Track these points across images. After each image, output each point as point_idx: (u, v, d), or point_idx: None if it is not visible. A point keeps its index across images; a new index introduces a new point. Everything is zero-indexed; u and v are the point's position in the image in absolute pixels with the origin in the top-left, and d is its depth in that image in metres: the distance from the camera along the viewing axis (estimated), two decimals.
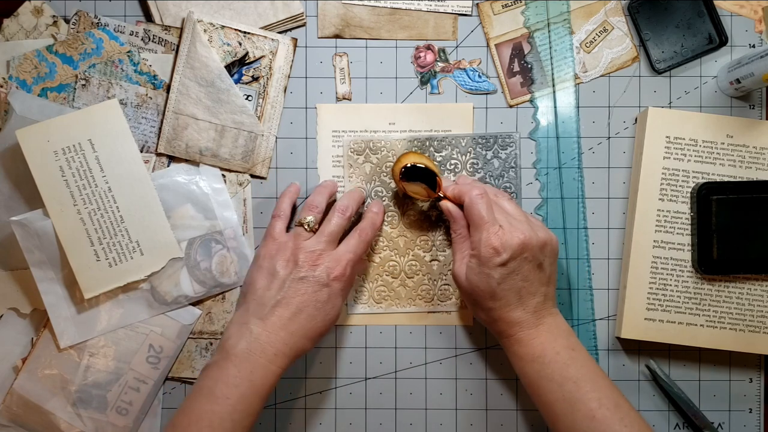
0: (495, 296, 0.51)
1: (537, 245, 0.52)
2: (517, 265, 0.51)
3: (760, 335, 0.58)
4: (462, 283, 0.54)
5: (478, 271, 0.52)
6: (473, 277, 0.52)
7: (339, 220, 0.55)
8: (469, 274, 0.52)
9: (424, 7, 0.61)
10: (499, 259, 0.50)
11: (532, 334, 0.52)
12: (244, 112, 0.60)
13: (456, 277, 0.55)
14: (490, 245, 0.51)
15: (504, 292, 0.51)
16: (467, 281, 0.53)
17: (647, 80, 0.61)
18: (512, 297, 0.51)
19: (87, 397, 0.58)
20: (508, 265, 0.51)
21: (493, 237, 0.51)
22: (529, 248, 0.51)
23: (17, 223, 0.56)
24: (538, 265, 0.52)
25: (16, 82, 0.58)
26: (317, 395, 0.62)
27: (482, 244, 0.51)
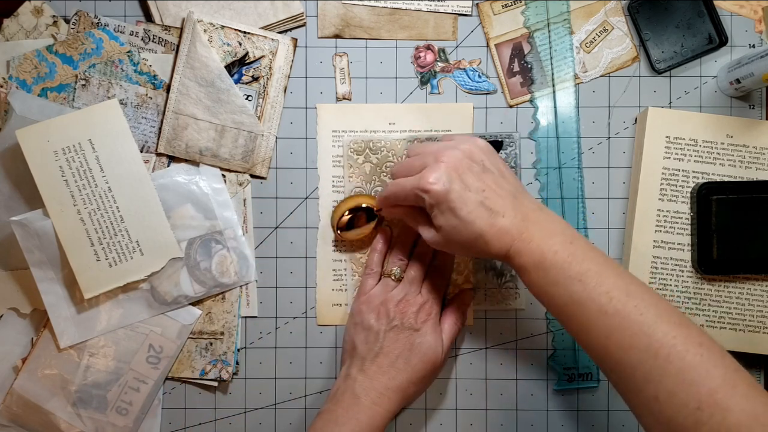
0: (467, 222, 0.49)
1: (463, 156, 0.50)
2: (461, 184, 0.49)
3: (760, 335, 0.58)
4: (438, 239, 0.52)
5: (440, 214, 0.50)
6: (441, 222, 0.50)
7: (418, 265, 0.57)
8: (437, 223, 0.51)
9: (424, 7, 0.61)
10: (442, 185, 0.48)
11: (525, 239, 0.48)
12: (244, 112, 0.60)
13: (431, 242, 0.52)
14: (427, 186, 0.49)
15: (471, 213, 0.48)
16: (439, 232, 0.51)
17: (647, 80, 0.61)
18: (482, 212, 0.49)
19: (87, 397, 0.58)
20: (453, 187, 0.49)
21: (423, 180, 0.49)
22: (459, 162, 0.50)
23: (17, 223, 0.56)
24: (481, 170, 0.50)
25: (16, 82, 0.58)
26: (317, 395, 0.62)
27: (423, 193, 0.49)
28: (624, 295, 0.45)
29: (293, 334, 0.62)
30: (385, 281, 0.58)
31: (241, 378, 0.61)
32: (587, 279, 0.46)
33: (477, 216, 0.48)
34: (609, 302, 0.45)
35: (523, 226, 0.49)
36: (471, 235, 0.49)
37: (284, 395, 0.62)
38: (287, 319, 0.62)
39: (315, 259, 0.61)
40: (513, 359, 0.62)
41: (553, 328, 0.61)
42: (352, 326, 0.57)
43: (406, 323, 0.55)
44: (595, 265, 0.47)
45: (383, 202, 0.56)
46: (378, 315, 0.55)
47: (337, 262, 0.61)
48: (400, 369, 0.54)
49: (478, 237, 0.49)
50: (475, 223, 0.48)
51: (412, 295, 0.56)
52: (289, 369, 0.62)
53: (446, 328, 0.57)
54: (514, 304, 0.61)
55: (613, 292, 0.45)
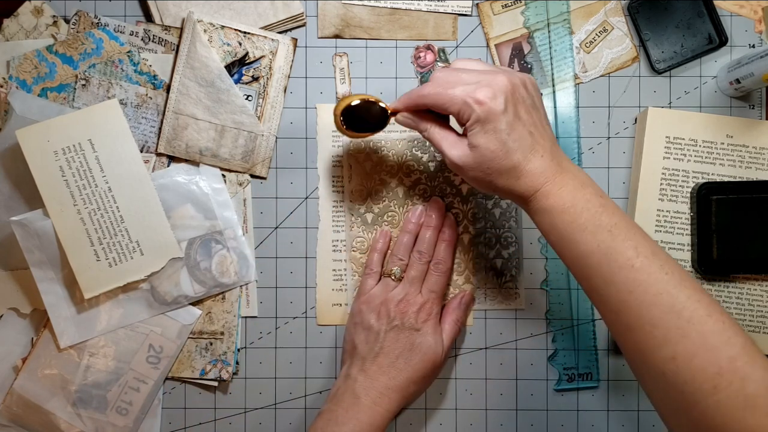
0: (509, 150, 0.47)
1: (519, 82, 0.49)
2: (514, 109, 0.47)
3: (760, 335, 0.58)
4: (467, 159, 0.49)
5: (482, 132, 0.47)
6: (480, 141, 0.47)
7: (418, 264, 0.57)
8: (474, 141, 0.48)
9: (424, 7, 0.61)
10: (498, 104, 0.46)
11: (558, 183, 0.47)
12: (244, 112, 0.60)
13: (456, 161, 0.49)
14: (484, 98, 0.46)
15: (516, 141, 0.47)
16: (473, 151, 0.48)
17: (647, 80, 0.61)
18: (526, 144, 0.47)
19: (87, 397, 0.58)
20: (508, 109, 0.47)
21: (480, 91, 0.47)
22: (517, 86, 0.48)
23: (17, 223, 0.56)
24: (531, 105, 0.49)
25: (16, 82, 0.58)
26: (317, 395, 0.62)
27: (476, 104, 0.47)
28: (651, 253, 0.45)
29: (293, 334, 0.62)
30: (386, 281, 0.58)
31: (241, 378, 0.61)
32: (617, 231, 0.45)
33: (520, 146, 0.47)
34: (636, 257, 0.44)
35: (558, 170, 0.47)
36: (506, 164, 0.47)
37: (284, 395, 0.62)
38: (287, 319, 0.62)
39: (315, 259, 0.61)
40: (513, 359, 0.62)
41: (553, 328, 0.61)
42: (353, 326, 0.57)
43: (406, 323, 0.55)
44: (624, 221, 0.46)
45: (412, 102, 0.51)
46: (378, 315, 0.55)
47: (337, 262, 0.61)
48: (401, 369, 0.54)
49: (513, 168, 0.47)
50: (515, 154, 0.47)
51: (412, 295, 0.56)
52: (289, 369, 0.62)
53: (446, 328, 0.57)
54: (514, 304, 0.61)
55: (640, 248, 0.45)
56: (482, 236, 0.61)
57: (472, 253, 0.61)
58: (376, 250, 0.60)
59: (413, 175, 0.61)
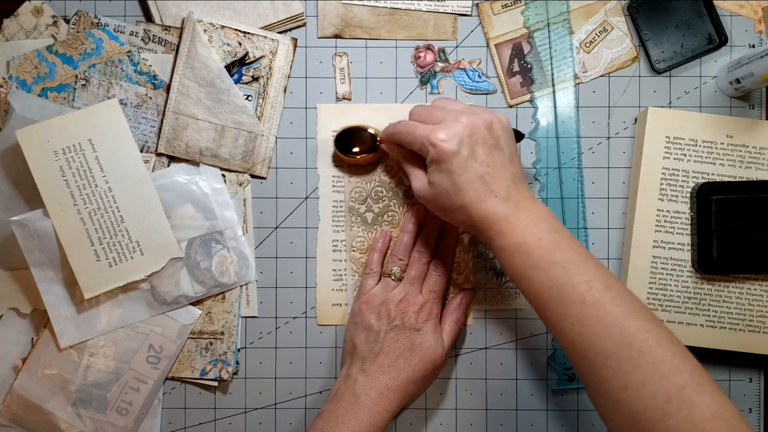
0: (460, 189, 0.49)
1: (483, 125, 0.50)
2: (470, 151, 0.49)
3: (760, 335, 0.58)
4: (426, 194, 0.52)
5: (437, 171, 0.50)
6: (435, 179, 0.50)
7: (418, 264, 0.57)
8: (431, 178, 0.51)
9: (424, 7, 0.61)
10: (450, 146, 0.49)
11: (512, 223, 0.48)
12: (244, 112, 0.60)
13: (419, 194, 0.53)
14: (437, 141, 0.49)
15: (468, 182, 0.49)
16: (431, 187, 0.51)
17: (647, 80, 0.61)
18: (478, 185, 0.49)
19: (87, 397, 0.58)
20: (461, 152, 0.49)
21: (435, 133, 0.49)
22: (476, 129, 0.50)
23: (17, 223, 0.56)
24: (493, 146, 0.50)
25: (16, 82, 0.58)
26: (317, 395, 0.62)
27: (430, 146, 0.50)
28: (603, 286, 0.46)
29: (293, 334, 0.62)
30: (386, 281, 0.58)
31: (241, 378, 0.61)
32: (569, 266, 0.47)
33: (471, 187, 0.49)
34: (588, 291, 0.46)
35: (512, 210, 0.49)
36: (458, 202, 0.50)
37: (284, 395, 0.62)
38: (287, 319, 0.62)
39: (315, 259, 0.61)
40: (513, 359, 0.62)
41: None
42: (353, 326, 0.57)
43: (406, 323, 0.55)
44: (577, 256, 0.48)
45: (389, 137, 0.56)
46: (378, 315, 0.55)
47: (337, 262, 0.61)
48: (401, 369, 0.54)
49: (464, 207, 0.50)
50: (466, 194, 0.49)
51: (412, 295, 0.56)
52: (289, 369, 0.62)
53: (447, 328, 0.57)
54: (514, 304, 0.61)
55: (593, 282, 0.46)
56: None
57: (472, 253, 0.61)
58: (376, 250, 0.60)
59: None
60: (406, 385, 0.54)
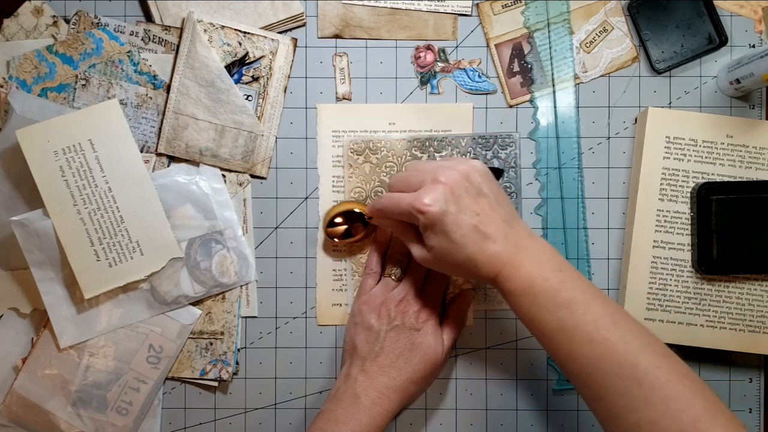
0: (459, 245, 0.49)
1: (461, 178, 0.50)
2: (457, 206, 0.49)
3: (760, 335, 0.58)
4: (428, 258, 0.52)
5: (433, 235, 0.50)
6: (433, 243, 0.50)
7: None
8: (428, 243, 0.51)
9: (424, 7, 0.61)
10: (438, 208, 0.49)
11: (515, 266, 0.49)
12: (244, 112, 0.60)
13: (421, 260, 0.53)
14: (423, 207, 0.49)
15: (464, 237, 0.49)
16: (430, 251, 0.51)
17: (647, 80, 0.61)
18: (475, 236, 0.49)
19: (87, 397, 0.58)
20: (449, 210, 0.49)
21: (420, 200, 0.49)
22: (456, 184, 0.50)
23: (17, 223, 0.56)
24: (477, 194, 0.50)
25: (16, 82, 0.58)
26: (317, 395, 0.62)
27: (418, 214, 0.50)
28: (611, 323, 0.46)
29: (293, 334, 0.62)
30: (386, 281, 0.58)
31: (241, 378, 0.61)
32: (575, 306, 0.47)
33: (469, 240, 0.49)
34: (596, 330, 0.46)
35: (513, 252, 0.49)
36: (462, 258, 0.50)
37: (284, 395, 0.62)
38: (287, 319, 0.62)
39: (315, 259, 0.61)
40: (513, 359, 0.62)
41: None
42: (353, 326, 0.57)
43: (407, 323, 0.55)
44: (583, 294, 0.48)
45: (376, 213, 0.55)
46: (379, 315, 0.55)
47: (337, 262, 0.61)
48: (401, 369, 0.54)
49: (468, 260, 0.50)
50: (467, 247, 0.49)
51: (412, 295, 0.56)
52: (289, 369, 0.62)
53: (447, 328, 0.57)
54: None
55: (600, 320, 0.46)
56: None
57: None
58: (375, 251, 0.60)
59: None
60: (406, 385, 0.54)
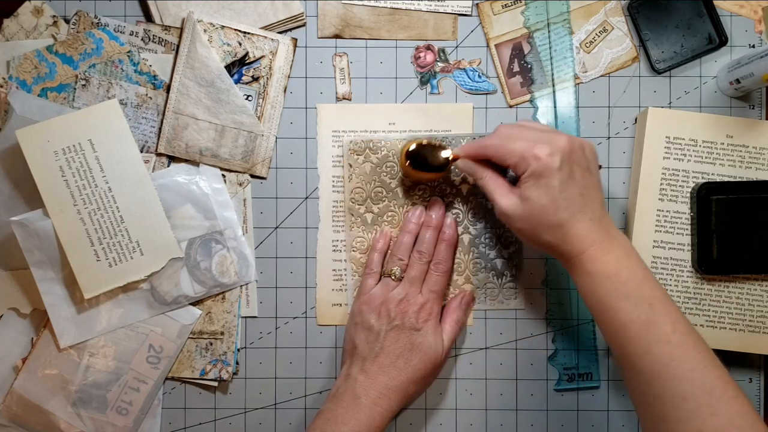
0: (559, 206, 0.49)
1: (579, 146, 0.51)
2: (570, 169, 0.49)
3: (760, 335, 0.58)
4: (517, 210, 0.51)
5: (536, 186, 0.49)
6: (532, 194, 0.49)
7: (419, 264, 0.57)
8: (527, 194, 0.50)
9: (424, 7, 0.61)
10: (554, 162, 0.48)
11: (605, 249, 0.49)
12: (244, 112, 0.60)
13: (506, 210, 0.52)
14: (542, 154, 0.49)
15: (567, 200, 0.49)
16: (524, 203, 0.50)
17: (647, 80, 0.61)
18: (576, 205, 0.49)
19: (87, 397, 0.58)
20: (563, 168, 0.49)
21: (539, 147, 0.49)
22: (575, 149, 0.50)
23: (17, 223, 0.56)
24: (586, 169, 0.50)
25: (16, 82, 0.58)
26: (317, 395, 0.62)
27: (533, 159, 0.49)
28: (686, 330, 0.47)
29: (293, 334, 0.62)
30: (386, 281, 0.58)
31: (241, 378, 0.61)
32: (657, 304, 0.48)
33: (570, 206, 0.49)
34: (673, 332, 0.47)
35: (605, 236, 0.49)
36: (555, 220, 0.49)
37: (284, 395, 0.62)
38: (287, 319, 0.62)
39: (315, 259, 0.61)
40: (513, 359, 0.62)
41: (553, 328, 0.61)
42: (353, 326, 0.57)
43: (407, 323, 0.55)
44: (664, 296, 0.49)
45: (473, 151, 0.54)
46: (379, 315, 0.55)
47: (337, 262, 0.61)
48: (401, 369, 0.54)
49: (560, 225, 0.49)
50: (565, 212, 0.49)
51: (412, 295, 0.56)
52: (289, 369, 0.62)
53: (447, 328, 0.57)
54: (514, 304, 0.61)
55: (677, 324, 0.47)
56: (482, 236, 0.61)
57: (472, 253, 0.61)
58: (376, 250, 0.60)
59: None
60: (406, 385, 0.54)
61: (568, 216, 0.49)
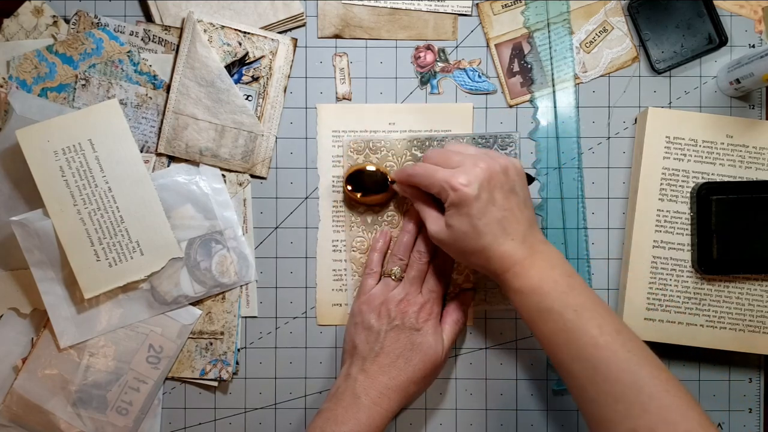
0: (480, 233, 0.50)
1: (500, 170, 0.51)
2: (489, 195, 0.50)
3: (760, 335, 0.58)
4: (443, 236, 0.53)
5: (457, 215, 0.51)
6: (454, 223, 0.51)
7: (418, 264, 0.57)
8: (449, 221, 0.52)
9: (424, 7, 0.61)
10: (472, 191, 0.50)
11: (527, 265, 0.50)
12: (244, 112, 0.60)
13: (435, 236, 0.54)
14: (458, 185, 0.50)
15: (487, 226, 0.50)
16: (448, 229, 0.52)
17: (647, 80, 0.61)
18: (496, 229, 0.50)
19: (87, 397, 0.58)
20: (481, 196, 0.50)
21: (456, 177, 0.50)
22: (494, 174, 0.51)
23: (17, 223, 0.56)
24: (509, 190, 0.52)
25: (16, 82, 0.58)
26: (317, 395, 0.62)
27: (450, 190, 0.50)
28: (615, 331, 0.48)
29: (293, 334, 0.62)
30: (386, 281, 0.58)
31: (241, 378, 0.61)
32: (582, 311, 0.48)
33: (490, 231, 0.50)
34: (600, 335, 0.47)
35: (528, 253, 0.51)
36: (477, 246, 0.51)
37: (284, 395, 0.62)
38: (287, 319, 0.62)
39: (315, 259, 0.61)
40: (513, 359, 0.62)
41: None
42: (353, 326, 0.57)
43: (407, 323, 0.55)
44: (590, 301, 0.49)
45: (404, 178, 0.56)
46: (379, 315, 0.55)
47: (337, 262, 0.61)
48: (401, 369, 0.54)
49: (482, 250, 0.51)
50: (485, 237, 0.50)
51: (412, 295, 0.56)
52: (289, 369, 0.62)
53: (447, 328, 0.57)
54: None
55: (604, 327, 0.48)
56: None
57: None
58: (376, 250, 0.60)
59: None
60: (406, 385, 0.54)
61: (490, 240, 0.50)
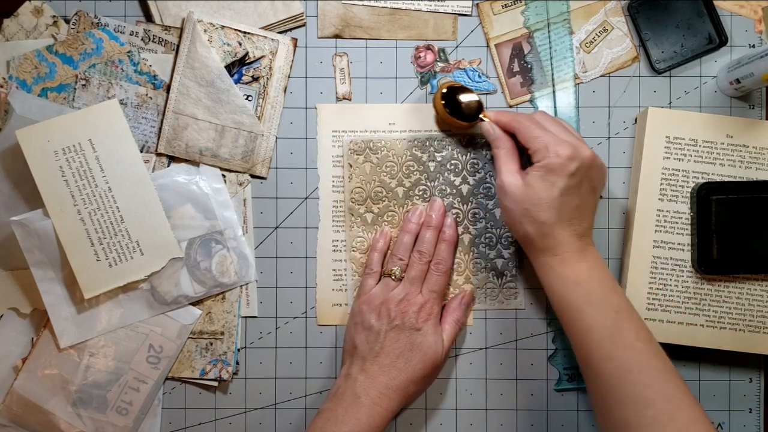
0: (553, 207, 0.51)
1: (598, 166, 0.53)
2: (580, 180, 0.51)
3: (760, 335, 0.58)
4: (515, 189, 0.52)
5: (543, 178, 0.51)
6: (536, 183, 0.51)
7: (419, 264, 0.57)
8: (531, 181, 0.52)
9: (424, 7, 0.61)
10: (571, 166, 0.50)
11: (578, 257, 0.51)
12: (244, 112, 0.60)
13: (505, 186, 0.53)
14: (563, 154, 0.50)
15: (563, 205, 0.51)
16: (526, 188, 0.52)
17: (647, 80, 0.61)
18: (568, 213, 0.51)
19: (87, 397, 0.58)
20: (575, 176, 0.51)
21: (564, 146, 0.51)
22: (594, 167, 0.52)
23: (17, 223, 0.56)
24: (594, 188, 0.53)
25: (16, 82, 0.58)
26: (317, 395, 0.62)
27: (551, 153, 0.51)
28: (648, 339, 0.49)
29: (293, 334, 0.62)
30: (386, 281, 0.58)
31: (241, 378, 0.61)
32: (623, 313, 0.50)
33: (563, 211, 0.51)
34: (637, 340, 0.49)
35: (581, 247, 0.52)
36: (542, 217, 0.51)
37: (284, 395, 0.62)
38: (287, 319, 0.62)
39: (315, 259, 0.61)
40: (513, 359, 0.62)
41: (553, 328, 0.61)
42: (353, 326, 0.57)
43: (407, 323, 0.55)
44: (629, 306, 0.51)
45: (507, 121, 0.55)
46: (379, 315, 0.55)
47: (337, 262, 0.61)
48: (401, 368, 0.54)
49: (544, 224, 0.51)
50: (555, 214, 0.51)
51: (412, 295, 0.56)
52: (289, 369, 0.62)
53: (447, 328, 0.57)
54: (514, 304, 0.61)
55: (641, 333, 0.49)
56: (482, 236, 0.61)
57: (473, 253, 0.61)
58: (376, 250, 0.60)
59: (413, 176, 0.61)
60: (406, 385, 0.54)
61: (555, 218, 0.51)
